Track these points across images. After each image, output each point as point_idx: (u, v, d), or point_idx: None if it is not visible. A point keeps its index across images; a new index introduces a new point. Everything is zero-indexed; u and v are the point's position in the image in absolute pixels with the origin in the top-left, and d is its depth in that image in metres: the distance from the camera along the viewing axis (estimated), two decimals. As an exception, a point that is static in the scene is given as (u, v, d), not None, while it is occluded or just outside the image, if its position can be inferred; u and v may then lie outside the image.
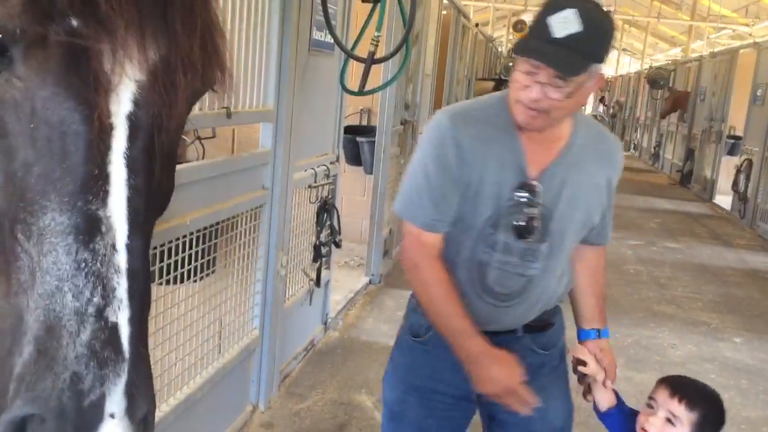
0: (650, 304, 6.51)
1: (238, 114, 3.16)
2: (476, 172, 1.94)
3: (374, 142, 6.15)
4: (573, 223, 2.03)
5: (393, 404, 2.19)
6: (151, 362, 2.64)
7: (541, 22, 1.77)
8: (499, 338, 2.01)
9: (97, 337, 0.75)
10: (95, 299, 0.77)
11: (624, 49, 33.97)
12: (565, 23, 1.73)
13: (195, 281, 2.93)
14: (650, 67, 21.86)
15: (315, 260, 4.53)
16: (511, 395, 1.89)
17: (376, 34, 3.56)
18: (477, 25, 12.17)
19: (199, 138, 3.66)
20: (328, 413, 3.90)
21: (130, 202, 0.82)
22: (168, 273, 2.72)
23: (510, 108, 1.92)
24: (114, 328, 0.77)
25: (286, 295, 4.08)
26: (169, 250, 2.68)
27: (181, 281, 2.83)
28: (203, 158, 3.59)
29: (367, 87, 4.00)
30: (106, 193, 0.80)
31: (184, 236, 2.76)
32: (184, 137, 3.30)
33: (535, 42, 1.77)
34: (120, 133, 0.83)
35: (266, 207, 3.55)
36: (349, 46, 4.05)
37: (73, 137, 0.81)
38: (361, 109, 7.43)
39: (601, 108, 31.12)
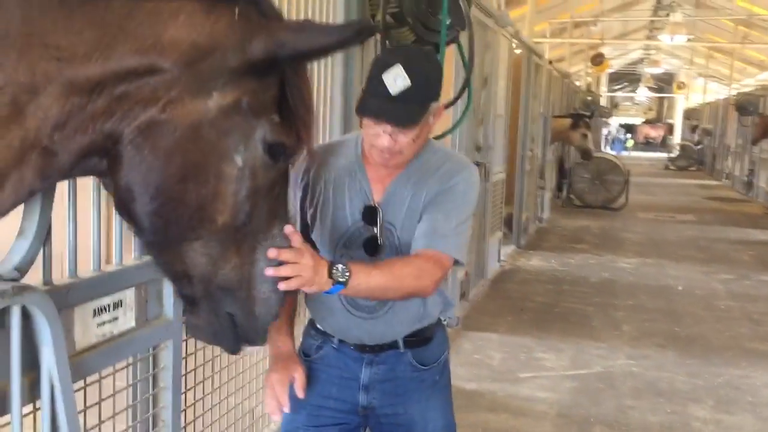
0: (742, 342, 6.23)
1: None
2: (321, 198, 2.16)
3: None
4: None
5: (286, 424, 2.30)
6: (225, 411, 2.73)
7: (376, 78, 1.94)
8: (384, 354, 2.22)
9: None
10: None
11: (711, 76, 32.99)
12: (396, 80, 1.90)
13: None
14: (738, 93, 21.13)
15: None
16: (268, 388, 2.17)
17: (436, 83, 3.64)
18: (551, 62, 12.14)
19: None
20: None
21: None
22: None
23: (363, 145, 2.13)
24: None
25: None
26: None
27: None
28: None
29: (438, 132, 4.07)
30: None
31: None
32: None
33: (374, 100, 1.95)
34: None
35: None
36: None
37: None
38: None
39: (696, 136, 30.21)
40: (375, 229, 2.11)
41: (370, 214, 2.12)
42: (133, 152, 1.36)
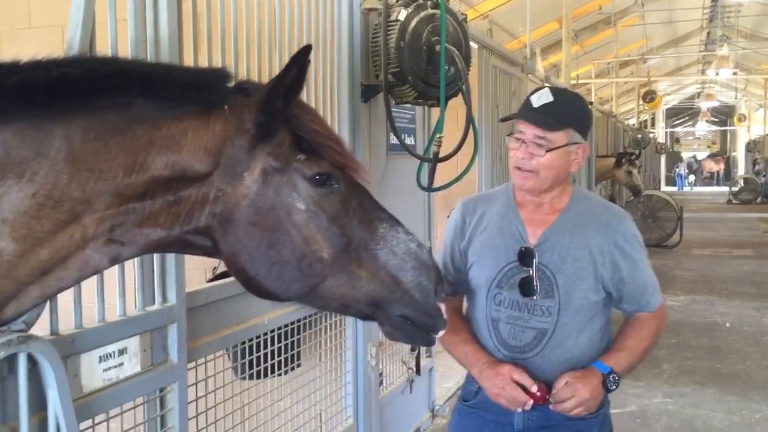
0: (787, 377, 6.10)
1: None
2: (478, 241, 2.41)
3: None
4: (579, 281, 2.29)
5: None
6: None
7: (525, 100, 2.35)
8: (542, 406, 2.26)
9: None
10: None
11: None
12: (540, 97, 2.30)
13: (279, 375, 3.24)
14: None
15: (413, 350, 4.73)
16: (499, 397, 2.28)
17: (438, 135, 3.84)
18: (591, 103, 12.22)
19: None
20: (427, 499, 4.00)
21: None
22: (251, 368, 3.05)
23: (515, 192, 2.43)
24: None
25: (384, 384, 4.29)
26: (250, 347, 3.02)
27: (264, 375, 3.14)
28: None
29: (448, 180, 4.26)
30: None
31: (265, 334, 3.08)
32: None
33: (520, 111, 2.37)
34: None
35: (351, 302, 3.83)
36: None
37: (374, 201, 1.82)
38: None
39: (756, 165, 29.52)
40: (530, 270, 2.29)
41: (525, 255, 2.30)
42: (221, 239, 1.67)
